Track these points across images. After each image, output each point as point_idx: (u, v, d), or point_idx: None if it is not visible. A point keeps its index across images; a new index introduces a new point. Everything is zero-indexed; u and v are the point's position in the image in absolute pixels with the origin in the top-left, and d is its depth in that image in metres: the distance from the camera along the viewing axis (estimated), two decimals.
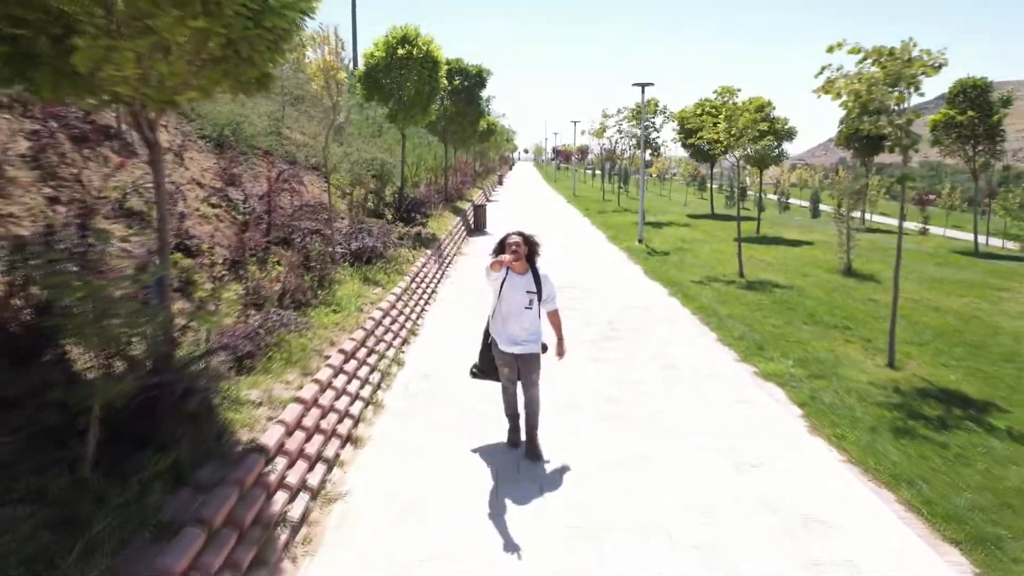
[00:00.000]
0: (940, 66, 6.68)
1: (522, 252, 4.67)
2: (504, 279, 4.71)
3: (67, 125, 6.44)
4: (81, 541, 2.72)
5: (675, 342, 8.00)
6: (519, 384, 4.90)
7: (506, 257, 4.52)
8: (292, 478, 4.00)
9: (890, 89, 6.86)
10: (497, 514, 4.08)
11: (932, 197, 50.71)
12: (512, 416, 5.02)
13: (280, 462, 3.98)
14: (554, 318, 4.91)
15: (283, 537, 3.64)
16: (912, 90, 6.97)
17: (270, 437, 4.02)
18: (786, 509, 4.20)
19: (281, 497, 3.82)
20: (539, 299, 4.73)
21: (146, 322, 3.38)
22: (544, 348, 4.83)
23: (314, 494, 4.14)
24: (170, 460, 3.46)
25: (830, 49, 7.13)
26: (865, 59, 7.01)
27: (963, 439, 5.28)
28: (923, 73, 6.80)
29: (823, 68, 7.27)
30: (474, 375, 5.19)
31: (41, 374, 3.82)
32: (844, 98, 7.04)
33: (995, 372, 7.17)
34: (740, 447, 5.08)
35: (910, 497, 4.37)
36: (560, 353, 4.92)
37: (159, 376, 3.63)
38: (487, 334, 4.98)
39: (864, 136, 18.34)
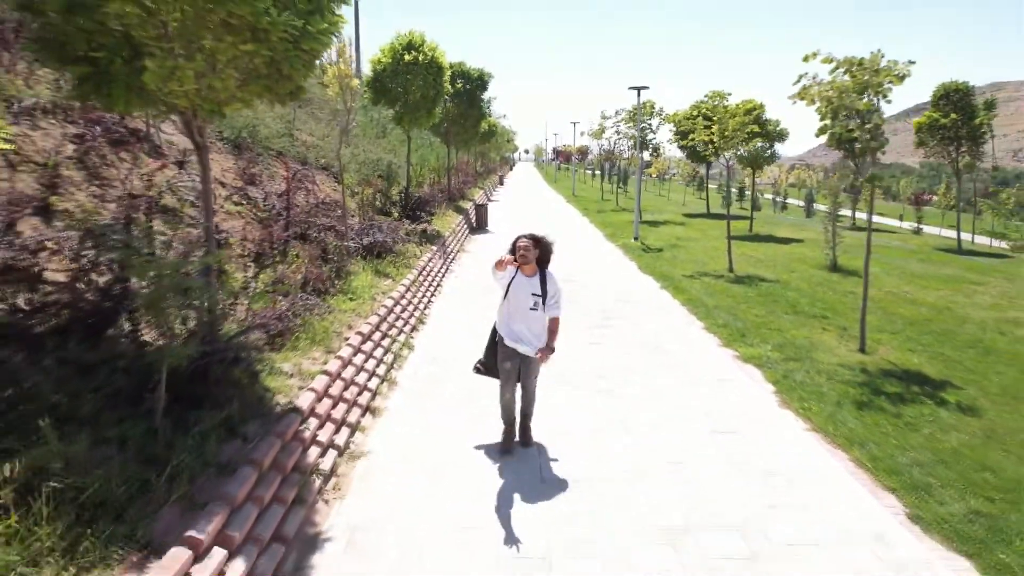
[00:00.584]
0: (904, 76, 7.30)
1: (530, 256, 4.71)
2: (512, 279, 4.75)
3: (107, 129, 7.08)
4: (165, 472, 3.35)
5: (664, 329, 8.62)
6: (518, 385, 4.98)
7: (508, 257, 4.57)
8: (322, 437, 4.63)
9: (859, 96, 7.48)
10: (499, 470, 4.71)
11: (929, 197, 51.28)
12: (508, 422, 5.05)
13: (312, 422, 4.62)
14: (552, 324, 4.86)
15: (317, 483, 4.28)
16: (880, 98, 7.59)
17: (303, 401, 4.66)
18: (751, 465, 4.83)
19: (314, 451, 4.46)
20: (543, 302, 4.75)
21: (205, 297, 4.02)
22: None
23: (341, 451, 4.78)
24: (223, 416, 4.09)
25: (805, 59, 7.74)
26: (837, 68, 7.64)
27: (915, 411, 5.91)
28: (889, 82, 7.43)
29: (800, 76, 7.89)
30: (477, 371, 5.25)
31: (109, 346, 4.47)
32: (817, 104, 7.66)
33: (957, 356, 7.79)
34: (716, 417, 5.71)
35: (860, 456, 5.00)
36: (544, 354, 4.80)
37: (212, 345, 4.26)
38: (495, 331, 5.05)
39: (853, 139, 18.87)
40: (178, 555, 2.89)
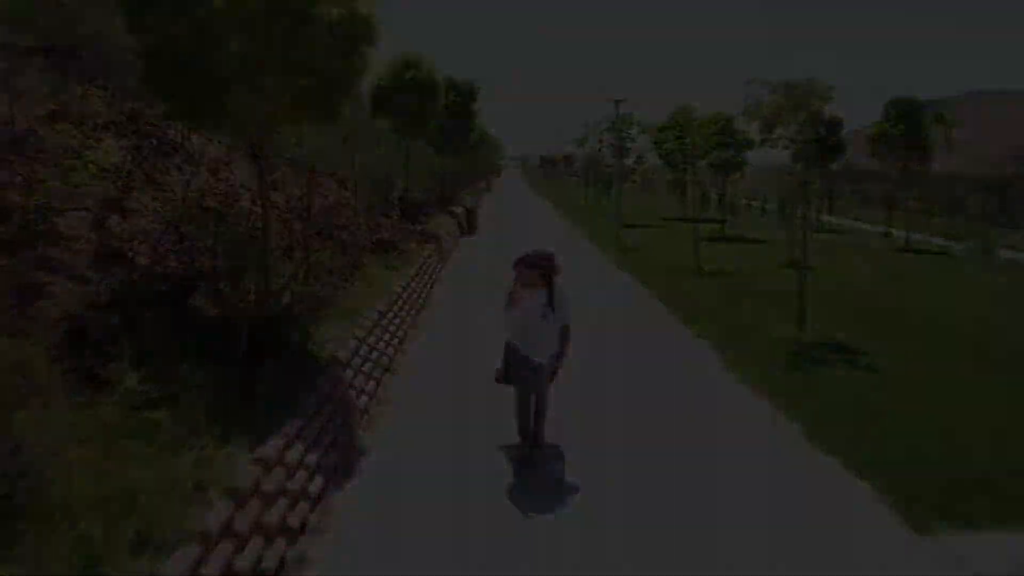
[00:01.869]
0: (828, 99, 8.79)
1: (534, 280, 4.93)
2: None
3: (160, 141, 8.33)
4: (256, 394, 4.66)
5: (631, 314, 10.04)
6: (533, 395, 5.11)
7: (516, 292, 4.92)
8: (358, 383, 5.95)
9: (793, 114, 8.95)
10: (496, 411, 6.02)
11: (907, 202, 53.37)
12: (524, 430, 5.14)
13: (349, 372, 5.93)
14: (563, 331, 5.05)
15: (357, 415, 5.60)
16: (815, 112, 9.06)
17: (342, 356, 5.97)
18: (691, 407, 6.22)
19: (353, 393, 5.77)
20: (552, 310, 4.91)
21: (266, 273, 5.33)
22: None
23: (371, 397, 6.09)
24: (286, 362, 5.39)
25: (748, 84, 9.21)
26: (775, 91, 9.11)
27: (828, 370, 7.32)
28: (819, 101, 8.92)
29: (746, 97, 9.36)
30: (498, 380, 5.28)
31: (191, 312, 5.75)
32: (758, 121, 9.13)
33: (877, 332, 9.25)
34: (667, 378, 7.10)
35: (777, 400, 6.41)
36: (556, 367, 5.12)
37: (275, 310, 5.57)
38: (509, 344, 5.16)
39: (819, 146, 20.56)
40: (278, 442, 4.20)
